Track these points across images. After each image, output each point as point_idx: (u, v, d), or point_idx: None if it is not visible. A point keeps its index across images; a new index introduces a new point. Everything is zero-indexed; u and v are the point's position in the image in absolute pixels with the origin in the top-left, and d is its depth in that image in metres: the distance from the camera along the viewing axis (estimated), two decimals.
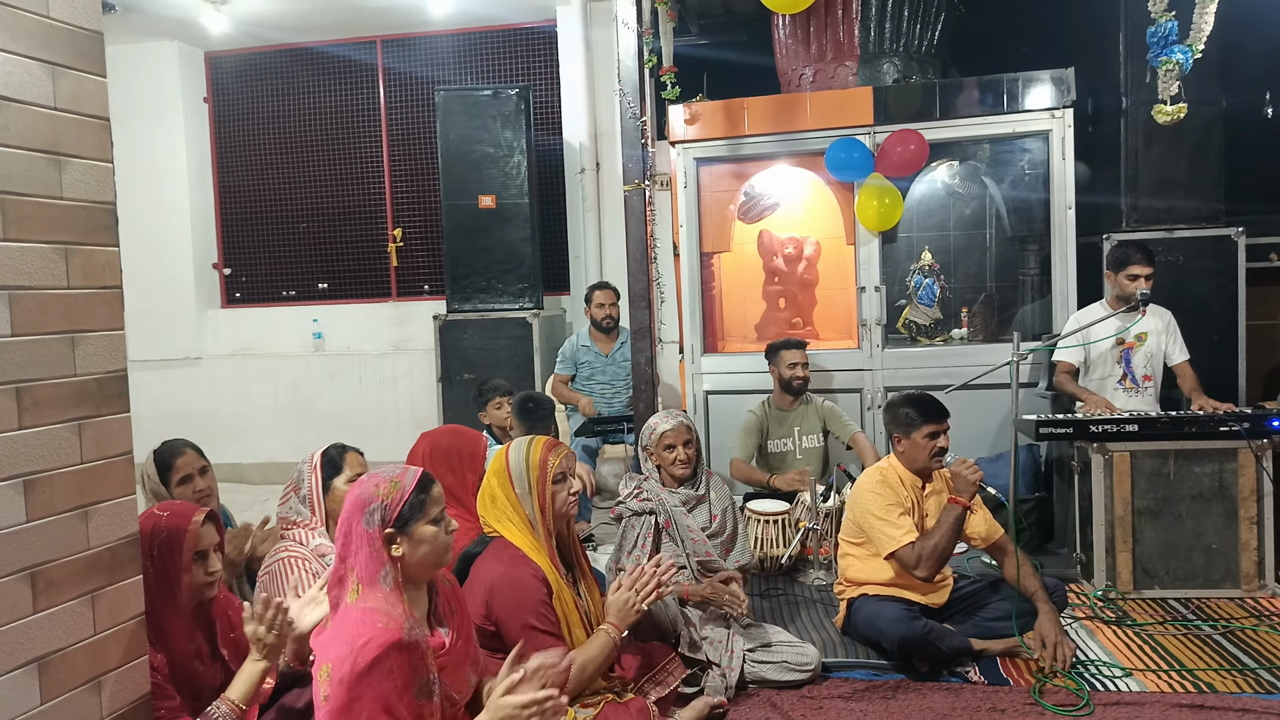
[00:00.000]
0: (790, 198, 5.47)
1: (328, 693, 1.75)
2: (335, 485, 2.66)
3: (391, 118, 6.88)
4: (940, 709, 2.82)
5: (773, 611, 3.71)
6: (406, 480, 1.94)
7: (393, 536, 1.89)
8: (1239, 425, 3.64)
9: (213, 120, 7.13)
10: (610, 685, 2.52)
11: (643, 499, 3.15)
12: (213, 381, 6.99)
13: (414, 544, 1.91)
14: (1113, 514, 3.72)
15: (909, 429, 3.22)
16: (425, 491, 1.95)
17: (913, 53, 5.23)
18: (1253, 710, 2.72)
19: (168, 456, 2.86)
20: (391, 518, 1.89)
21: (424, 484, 1.96)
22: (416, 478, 1.96)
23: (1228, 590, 3.66)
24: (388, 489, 1.91)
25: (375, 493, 1.90)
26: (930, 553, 3.08)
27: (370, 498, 1.90)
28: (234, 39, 6.74)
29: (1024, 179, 5.03)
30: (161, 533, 2.07)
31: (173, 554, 2.07)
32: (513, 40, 6.66)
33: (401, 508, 1.90)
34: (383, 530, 1.88)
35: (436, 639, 1.99)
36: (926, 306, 5.10)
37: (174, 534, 2.07)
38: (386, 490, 1.91)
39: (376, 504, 1.89)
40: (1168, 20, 3.19)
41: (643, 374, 4.15)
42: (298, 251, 7.11)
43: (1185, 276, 4.72)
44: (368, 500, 1.90)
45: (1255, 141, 5.06)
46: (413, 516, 1.91)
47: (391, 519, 1.89)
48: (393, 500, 1.90)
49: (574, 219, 6.41)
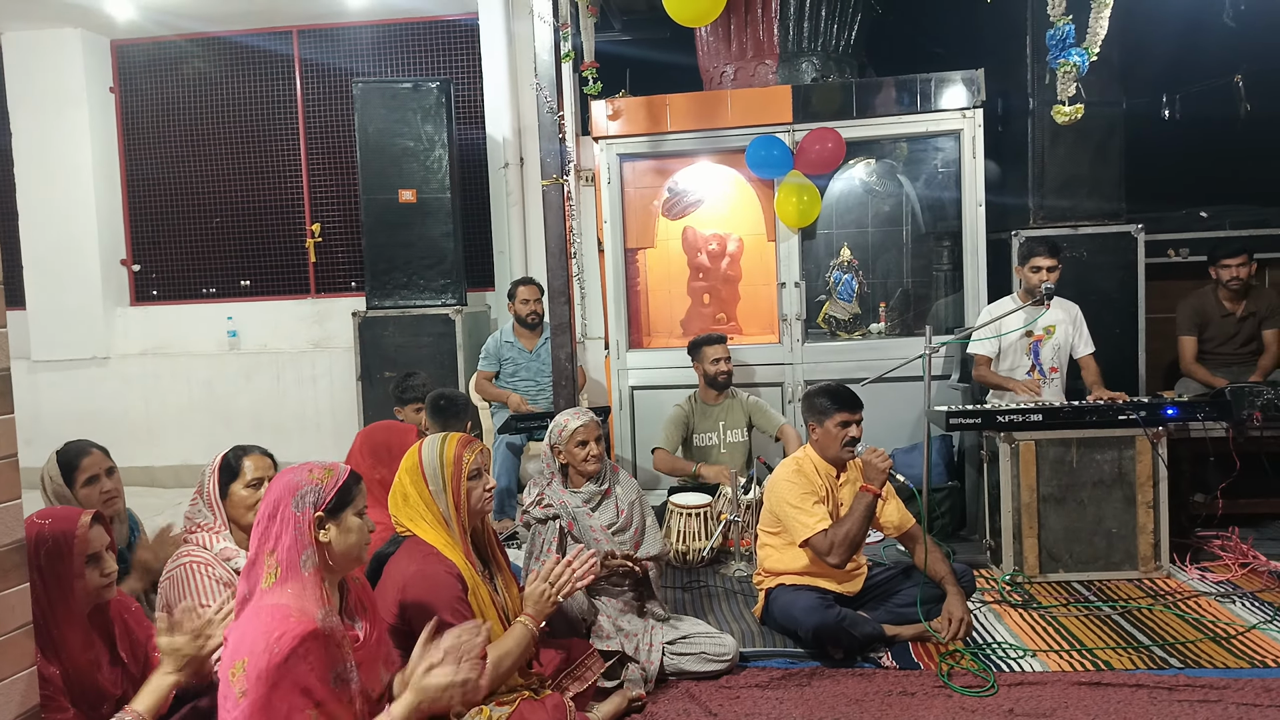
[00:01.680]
0: (713, 194, 5.52)
1: (245, 688, 1.74)
2: (233, 490, 2.58)
3: (309, 110, 6.73)
4: (853, 694, 2.88)
5: (694, 603, 3.74)
6: (339, 469, 1.98)
7: (323, 520, 1.91)
8: (1137, 414, 3.80)
9: (119, 111, 6.87)
10: (528, 682, 2.51)
11: (545, 505, 3.15)
12: (122, 381, 6.74)
13: (342, 531, 1.93)
14: (1019, 501, 3.85)
15: (822, 418, 3.29)
16: (356, 484, 1.99)
17: (830, 52, 5.32)
18: (1145, 685, 2.85)
19: (72, 457, 2.75)
20: (324, 502, 1.91)
21: (355, 477, 2.00)
22: (349, 470, 2.00)
23: (1127, 572, 3.83)
24: (322, 475, 1.94)
25: (309, 478, 1.93)
26: (842, 539, 3.14)
27: (302, 482, 1.92)
28: (142, 27, 6.51)
29: (938, 177, 5.17)
30: (47, 540, 1.98)
31: (62, 561, 1.98)
32: (434, 32, 6.57)
33: (335, 493, 1.93)
34: (314, 513, 1.89)
35: (352, 633, 1.97)
36: (845, 302, 5.20)
37: (61, 540, 1.99)
38: (321, 476, 1.94)
39: (309, 488, 1.91)
40: (1065, 24, 3.31)
41: (563, 370, 4.15)
42: (211, 247, 6.90)
43: (1089, 271, 4.92)
44: (299, 485, 1.91)
45: (1154, 142, 5.29)
46: (343, 504, 1.94)
47: (324, 503, 1.91)
48: (327, 485, 1.93)
49: (498, 214, 6.36)
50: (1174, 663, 3.02)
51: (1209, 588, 3.68)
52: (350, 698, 1.87)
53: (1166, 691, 2.80)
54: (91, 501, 2.73)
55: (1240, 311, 4.76)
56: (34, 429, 5.90)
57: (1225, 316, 4.78)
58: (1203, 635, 3.22)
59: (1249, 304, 4.77)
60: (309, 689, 1.76)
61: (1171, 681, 2.86)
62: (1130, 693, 2.81)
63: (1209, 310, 4.81)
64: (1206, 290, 4.84)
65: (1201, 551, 4.04)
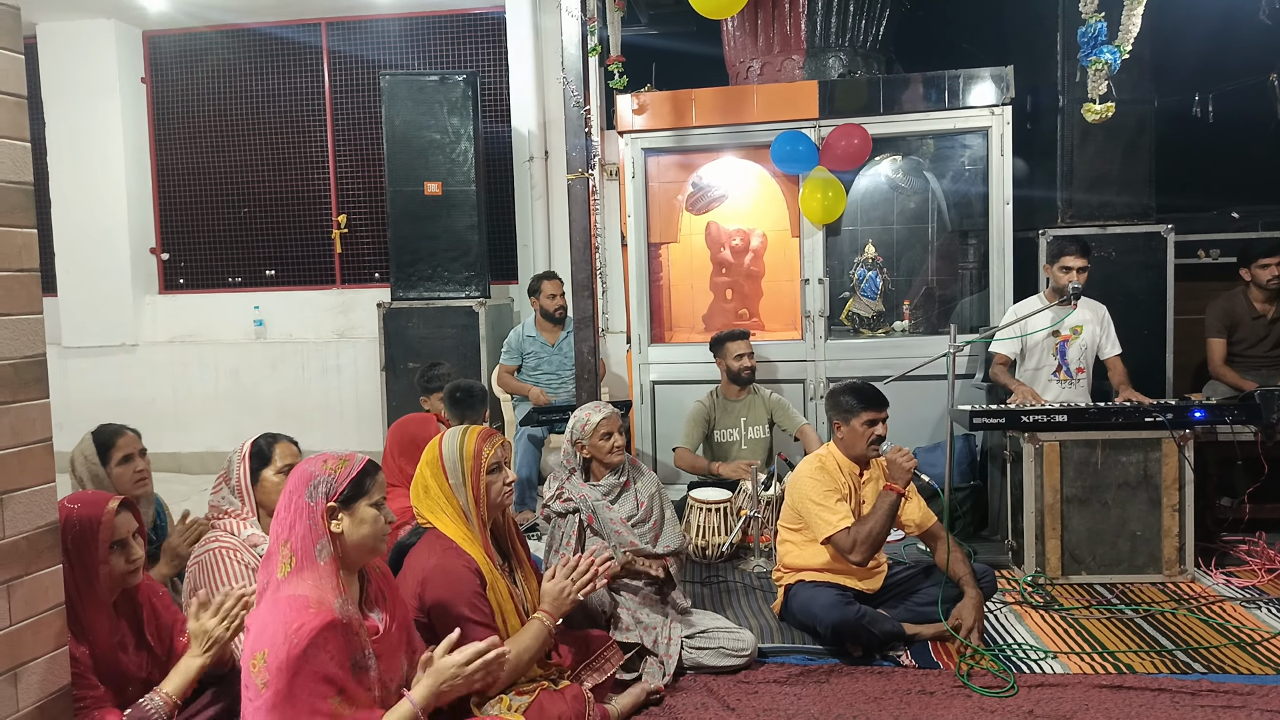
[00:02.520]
0: (737, 190, 5.51)
1: (266, 679, 1.76)
2: (265, 476, 2.63)
3: (336, 102, 6.77)
4: (872, 692, 2.88)
5: (713, 598, 3.75)
6: (355, 460, 1.99)
7: (335, 511, 1.92)
8: (1163, 416, 3.76)
9: (151, 101, 6.95)
10: (547, 673, 2.53)
11: (565, 500, 3.17)
12: (150, 369, 6.83)
13: (355, 522, 1.95)
14: (1042, 502, 3.82)
15: (848, 416, 3.27)
16: (371, 476, 2.00)
17: (858, 47, 5.29)
18: (1168, 690, 2.82)
19: (109, 436, 2.89)
20: (337, 492, 1.93)
21: (370, 468, 2.01)
22: (364, 461, 2.01)
23: (1150, 575, 3.79)
24: (336, 465, 1.96)
25: (323, 468, 1.95)
26: (865, 538, 3.14)
27: (317, 472, 1.94)
28: (173, 18, 6.58)
29: (964, 174, 5.13)
30: (75, 525, 2.03)
31: (88, 547, 2.03)
32: (461, 25, 6.59)
33: (348, 484, 1.95)
34: (326, 503, 1.91)
35: (370, 624, 1.99)
36: (869, 299, 5.18)
37: (88, 525, 2.03)
38: (335, 466, 1.96)
39: (323, 478, 1.93)
40: (1097, 21, 3.27)
41: (585, 363, 4.16)
42: (238, 237, 6.96)
43: (1117, 271, 4.86)
44: (313, 475, 1.94)
45: (1185, 141, 5.22)
46: (356, 495, 1.95)
47: (337, 494, 1.93)
48: (340, 476, 1.95)
49: (522, 207, 6.37)
50: (1197, 668, 2.99)
51: (1234, 593, 3.64)
52: (369, 685, 1.90)
53: (1189, 696, 2.78)
54: (125, 480, 2.84)
55: (1272, 314, 4.69)
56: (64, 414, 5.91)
57: (1256, 319, 4.71)
58: (1227, 641, 3.19)
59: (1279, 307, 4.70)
60: (330, 677, 1.78)
61: (1195, 686, 2.83)
62: (1153, 696, 2.79)
63: (1239, 312, 4.74)
64: (1237, 292, 4.77)
65: (1227, 556, 3.99)
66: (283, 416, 6.54)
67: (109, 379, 6.77)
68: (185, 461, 6.67)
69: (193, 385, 6.78)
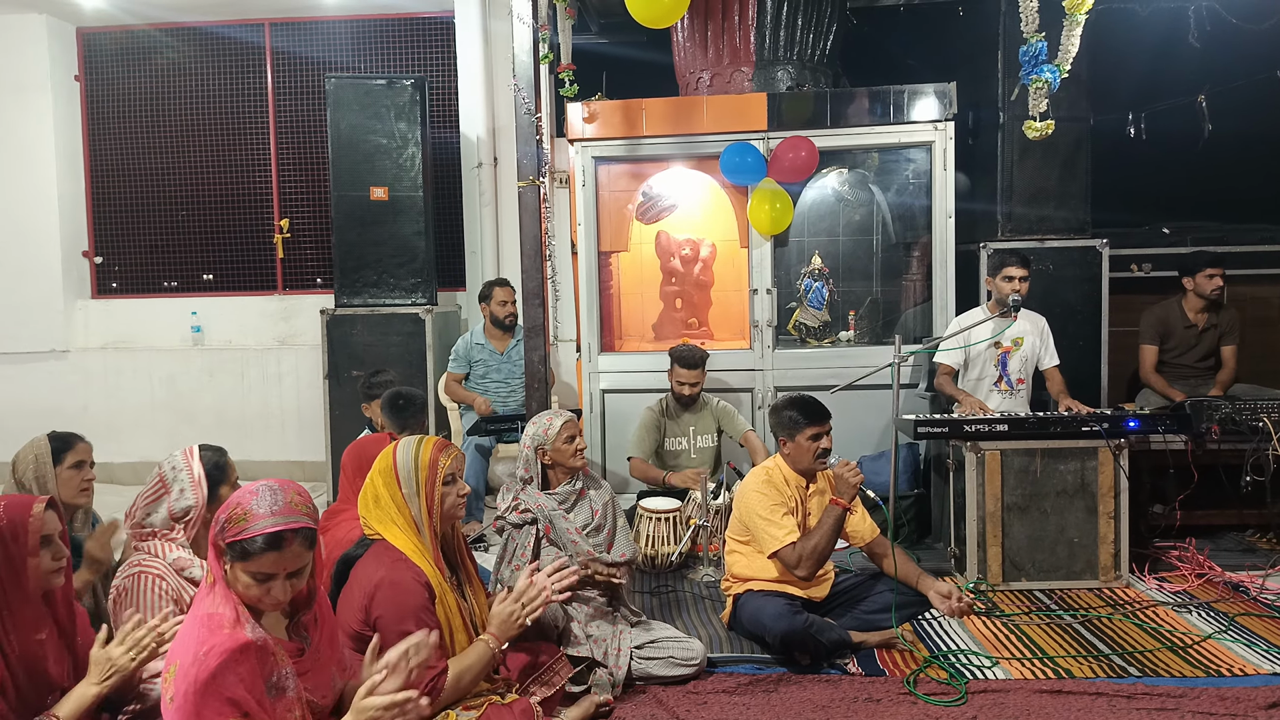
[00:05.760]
0: (687, 199, 5.53)
1: (174, 694, 1.75)
2: (223, 494, 2.52)
3: (280, 104, 6.64)
4: (819, 700, 2.90)
5: (662, 608, 3.74)
6: (255, 524, 1.82)
7: (223, 553, 1.86)
8: (1099, 425, 3.86)
9: (85, 100, 6.74)
10: (494, 687, 2.49)
11: (522, 511, 3.12)
12: (82, 375, 6.61)
13: (233, 577, 1.85)
14: (984, 509, 3.90)
15: (793, 431, 3.29)
16: (273, 547, 1.81)
17: (806, 61, 5.35)
18: (1105, 694, 2.89)
19: (67, 439, 2.87)
20: (225, 541, 1.84)
21: (273, 540, 1.81)
22: (270, 529, 1.81)
23: (1087, 581, 3.88)
24: (239, 515, 1.84)
25: (235, 507, 1.85)
26: (810, 553, 3.16)
27: (228, 507, 1.87)
28: (109, 15, 6.40)
29: (908, 187, 5.22)
30: (3, 518, 2.02)
31: (16, 541, 2.02)
32: (409, 29, 6.52)
33: (232, 540, 1.83)
34: (219, 542, 1.86)
35: (294, 645, 1.95)
36: (816, 309, 5.23)
37: (16, 521, 2.03)
38: (238, 515, 1.84)
39: (225, 516, 1.86)
40: (1038, 40, 3.37)
41: (536, 372, 4.13)
42: (176, 240, 6.79)
43: (1054, 284, 5.00)
44: (227, 507, 1.88)
45: (1120, 158, 5.39)
46: (234, 557, 1.83)
47: (225, 541, 1.84)
48: (233, 530, 1.83)
49: (470, 214, 6.32)
50: (1133, 671, 3.07)
51: (1166, 598, 3.75)
52: (288, 705, 1.85)
53: (1125, 700, 2.85)
54: (71, 484, 2.82)
55: (1203, 324, 4.86)
56: None
57: (1188, 328, 4.88)
58: (1160, 644, 3.28)
59: (1211, 318, 4.87)
60: (237, 700, 1.75)
61: (1130, 690, 2.90)
62: (1090, 700, 2.85)
63: (1173, 321, 4.91)
64: (1171, 302, 4.94)
65: (1159, 562, 4.11)
66: (221, 425, 6.39)
67: (38, 386, 6.54)
68: (118, 472, 6.45)
69: (126, 393, 6.58)
